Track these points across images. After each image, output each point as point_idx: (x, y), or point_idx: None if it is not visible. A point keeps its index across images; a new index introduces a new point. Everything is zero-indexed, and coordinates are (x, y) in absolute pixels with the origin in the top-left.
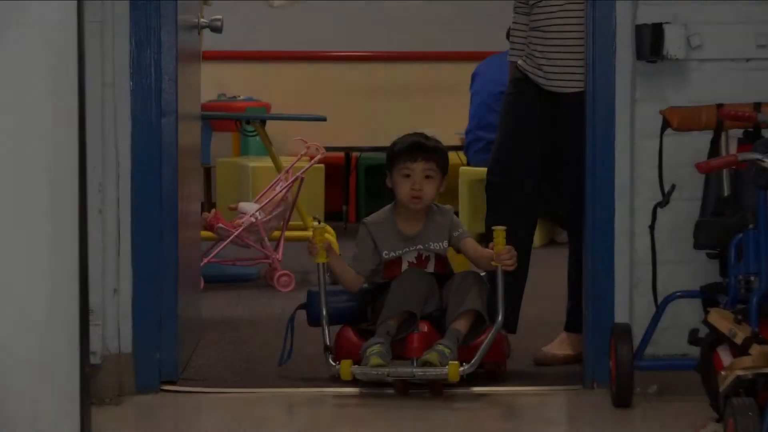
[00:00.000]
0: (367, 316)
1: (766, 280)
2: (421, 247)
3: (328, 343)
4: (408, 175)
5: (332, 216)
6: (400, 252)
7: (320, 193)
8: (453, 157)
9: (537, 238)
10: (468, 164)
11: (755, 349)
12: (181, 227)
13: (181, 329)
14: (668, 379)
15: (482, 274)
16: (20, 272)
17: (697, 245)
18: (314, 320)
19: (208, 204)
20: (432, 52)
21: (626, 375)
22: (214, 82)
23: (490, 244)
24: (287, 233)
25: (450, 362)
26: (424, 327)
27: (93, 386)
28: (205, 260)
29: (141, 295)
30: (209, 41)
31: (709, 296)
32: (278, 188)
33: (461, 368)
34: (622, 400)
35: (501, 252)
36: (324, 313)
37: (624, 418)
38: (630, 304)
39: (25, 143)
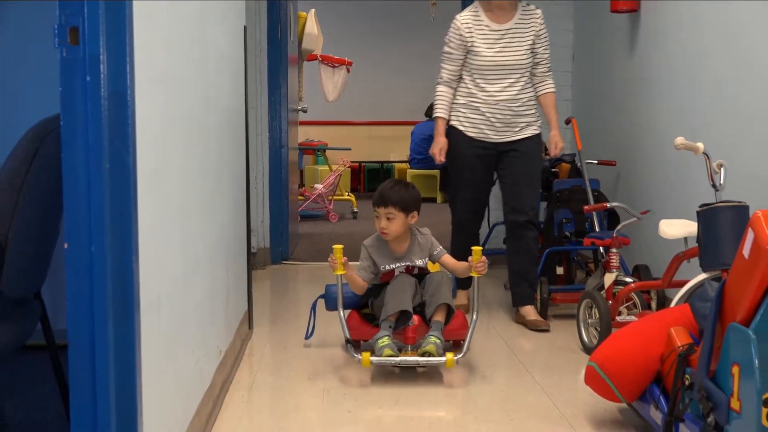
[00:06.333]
0: (368, 305)
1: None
2: (409, 263)
3: (348, 337)
4: (377, 217)
5: (353, 189)
6: (394, 266)
7: (348, 181)
8: (404, 165)
9: None
10: (411, 168)
11: None
12: (291, 194)
13: (290, 237)
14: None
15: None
16: (221, 215)
17: None
18: (329, 307)
19: (301, 184)
20: (389, 121)
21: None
22: (304, 133)
23: (470, 258)
24: (335, 197)
25: (447, 354)
26: (415, 320)
27: (253, 261)
28: (300, 208)
29: (273, 222)
30: (301, 116)
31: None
32: (331, 178)
33: (455, 357)
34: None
35: (478, 264)
36: (342, 314)
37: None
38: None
39: (224, 161)
